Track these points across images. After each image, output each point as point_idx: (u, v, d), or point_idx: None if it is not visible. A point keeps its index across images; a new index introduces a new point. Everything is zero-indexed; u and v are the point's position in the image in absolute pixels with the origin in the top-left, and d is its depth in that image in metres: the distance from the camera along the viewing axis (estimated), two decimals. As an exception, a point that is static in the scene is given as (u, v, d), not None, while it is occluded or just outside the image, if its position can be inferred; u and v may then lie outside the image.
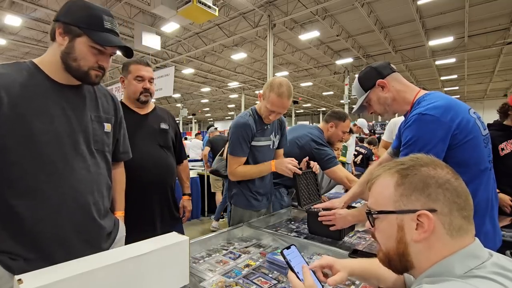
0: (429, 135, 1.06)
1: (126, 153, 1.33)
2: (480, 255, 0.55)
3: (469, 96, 22.13)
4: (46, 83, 0.98)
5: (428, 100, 1.13)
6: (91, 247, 1.03)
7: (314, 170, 1.83)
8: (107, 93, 1.20)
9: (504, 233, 1.82)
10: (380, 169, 0.67)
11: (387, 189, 0.62)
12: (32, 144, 0.92)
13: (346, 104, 14.97)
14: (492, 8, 8.86)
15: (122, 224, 1.25)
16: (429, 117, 1.06)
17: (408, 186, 0.59)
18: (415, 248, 0.59)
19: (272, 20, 9.57)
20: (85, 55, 0.98)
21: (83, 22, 0.96)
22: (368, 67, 1.33)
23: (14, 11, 8.70)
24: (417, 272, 0.61)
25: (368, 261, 0.84)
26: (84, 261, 0.75)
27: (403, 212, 0.59)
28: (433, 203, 0.57)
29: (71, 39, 0.97)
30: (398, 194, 0.60)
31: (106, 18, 0.99)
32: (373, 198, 0.67)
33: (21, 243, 0.92)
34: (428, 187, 0.58)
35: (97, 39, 0.96)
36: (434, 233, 0.56)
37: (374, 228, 0.67)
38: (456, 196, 0.57)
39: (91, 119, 1.07)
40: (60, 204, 0.96)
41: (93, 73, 1.01)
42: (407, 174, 0.60)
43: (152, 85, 1.71)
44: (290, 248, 0.76)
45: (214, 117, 37.76)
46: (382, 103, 1.27)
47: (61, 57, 0.98)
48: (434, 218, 0.56)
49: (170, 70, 6.83)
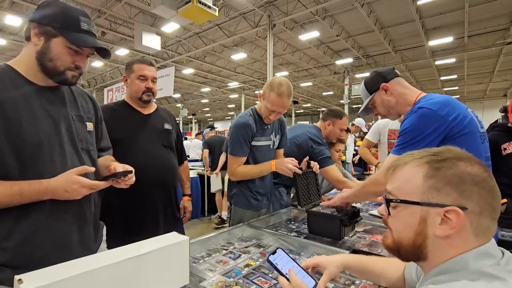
0: (423, 126, 1.12)
1: (109, 149, 1.35)
2: (494, 254, 0.54)
3: (469, 96, 22.12)
4: (26, 86, 0.98)
5: (428, 98, 1.22)
6: (84, 248, 1.06)
7: (314, 170, 1.83)
8: (84, 93, 1.21)
9: (504, 233, 1.83)
10: (407, 156, 0.63)
11: (415, 178, 0.59)
12: (22, 147, 0.92)
13: (346, 104, 14.96)
14: (492, 8, 8.86)
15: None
16: (426, 110, 1.14)
17: (441, 179, 0.56)
18: (435, 243, 0.56)
19: (272, 20, 9.57)
20: (61, 56, 0.98)
21: (59, 23, 0.96)
22: (374, 72, 1.43)
23: (14, 11, 8.70)
24: (429, 265, 0.59)
25: (368, 258, 0.84)
26: (84, 261, 0.75)
27: (431, 205, 0.56)
28: (465, 201, 0.54)
29: (47, 39, 0.96)
30: (428, 186, 0.57)
31: (82, 19, 0.99)
32: (396, 184, 0.62)
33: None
34: (463, 183, 0.54)
35: (73, 40, 0.96)
36: (459, 231, 0.54)
37: (389, 215, 0.63)
38: (491, 197, 0.54)
39: (73, 119, 1.07)
40: (49, 207, 0.96)
41: (70, 74, 1.01)
42: (441, 167, 0.57)
43: (155, 85, 1.70)
44: (276, 253, 0.78)
45: (214, 117, 37.76)
46: (386, 105, 1.36)
47: (36, 58, 0.98)
48: (464, 216, 0.53)
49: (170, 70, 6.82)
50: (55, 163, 0.98)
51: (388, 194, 0.63)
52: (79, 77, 1.06)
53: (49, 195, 0.92)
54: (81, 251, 1.03)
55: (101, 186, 1.00)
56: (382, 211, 0.66)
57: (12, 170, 0.91)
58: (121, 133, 1.52)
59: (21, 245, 0.92)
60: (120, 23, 10.23)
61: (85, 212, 1.08)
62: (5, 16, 8.59)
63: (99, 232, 1.22)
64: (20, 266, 0.91)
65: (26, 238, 0.93)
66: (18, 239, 0.92)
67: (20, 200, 0.89)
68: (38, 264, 0.90)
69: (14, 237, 0.91)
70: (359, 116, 1.85)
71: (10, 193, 0.87)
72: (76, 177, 0.93)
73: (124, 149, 1.46)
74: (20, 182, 0.89)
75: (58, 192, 0.92)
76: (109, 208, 1.53)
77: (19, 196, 0.88)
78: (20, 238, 0.92)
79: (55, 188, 0.92)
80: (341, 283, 1.06)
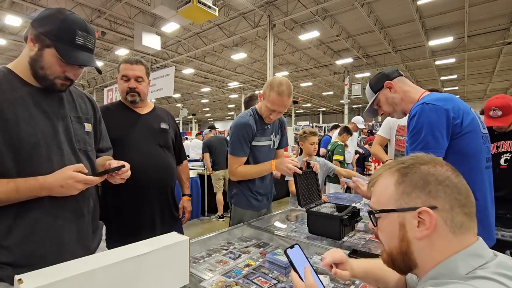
0: (434, 122, 1.11)
1: (109, 149, 1.36)
2: (483, 254, 0.55)
3: (469, 96, 22.12)
4: (24, 88, 0.99)
5: (431, 95, 1.23)
6: (82, 246, 1.06)
7: (314, 170, 1.83)
8: (83, 94, 1.22)
9: (504, 233, 1.82)
10: (381, 168, 0.67)
11: (388, 188, 0.63)
12: (20, 147, 0.93)
13: (346, 104, 14.97)
14: (492, 8, 8.87)
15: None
16: (432, 106, 1.13)
17: (408, 184, 0.60)
18: (417, 246, 0.59)
19: (272, 20, 9.57)
20: (51, 65, 0.98)
21: (53, 35, 0.96)
22: (378, 72, 1.46)
23: (14, 11, 8.71)
24: (421, 272, 0.61)
25: (369, 263, 0.83)
26: (84, 261, 0.75)
27: (404, 210, 0.59)
28: (433, 200, 0.57)
29: (41, 47, 0.98)
30: (399, 193, 0.61)
31: (79, 33, 0.99)
32: (375, 198, 0.67)
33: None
34: (428, 184, 0.58)
35: (63, 55, 0.96)
36: (436, 230, 0.56)
37: (377, 228, 0.67)
38: (457, 192, 0.57)
39: (71, 120, 1.08)
40: (48, 204, 0.97)
41: (59, 82, 1.02)
42: (407, 173, 0.61)
43: (141, 84, 1.63)
44: (293, 248, 0.77)
45: (214, 117, 37.76)
46: (390, 103, 1.37)
47: (29, 62, 0.99)
48: (435, 214, 0.56)
49: (170, 70, 6.82)
50: (52, 163, 0.98)
51: (370, 208, 0.67)
52: (69, 86, 1.07)
53: (45, 192, 0.93)
54: (78, 248, 1.04)
55: (95, 181, 1.00)
56: (371, 225, 0.69)
57: (10, 170, 0.92)
58: (116, 133, 1.51)
59: (21, 243, 0.93)
60: (120, 23, 10.23)
61: (82, 209, 1.08)
62: (5, 16, 8.60)
63: (98, 231, 1.22)
64: (20, 263, 0.92)
65: (25, 235, 0.93)
66: (17, 237, 0.93)
67: (17, 196, 0.90)
68: (37, 261, 0.91)
69: (14, 235, 0.92)
70: (367, 117, 1.86)
71: (6, 190, 0.88)
72: (71, 172, 0.94)
73: (119, 149, 1.45)
74: (16, 179, 0.90)
75: (54, 188, 0.93)
76: (107, 208, 1.53)
77: (16, 192, 0.89)
78: (20, 236, 0.93)
79: (51, 184, 0.92)
80: (341, 283, 1.06)
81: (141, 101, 1.65)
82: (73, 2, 8.72)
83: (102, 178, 1.04)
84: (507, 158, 2.05)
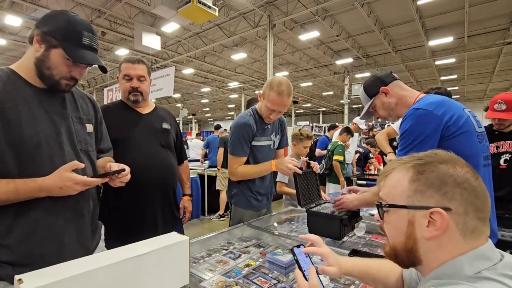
0: (421, 127, 1.14)
1: (110, 150, 1.36)
2: (491, 256, 0.54)
3: (469, 96, 22.12)
4: (27, 89, 1.00)
5: (424, 99, 1.24)
6: (81, 246, 1.07)
7: (314, 169, 1.83)
8: (84, 95, 1.22)
9: (504, 233, 1.82)
10: (395, 162, 0.65)
11: (401, 183, 0.61)
12: (22, 147, 0.93)
13: (346, 104, 14.96)
14: (492, 8, 8.86)
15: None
16: (422, 111, 1.15)
17: (424, 182, 0.58)
18: (425, 245, 0.58)
19: (272, 20, 9.57)
20: (58, 66, 1.00)
21: (60, 35, 0.97)
22: (372, 76, 1.45)
23: (14, 11, 8.71)
24: (425, 269, 0.60)
25: (366, 263, 0.83)
26: (84, 261, 0.75)
27: (416, 208, 0.58)
28: (448, 202, 0.55)
29: (47, 48, 0.98)
30: (412, 189, 0.59)
31: (85, 33, 1.01)
32: (385, 190, 0.65)
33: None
34: (445, 185, 0.56)
35: (71, 54, 0.98)
36: (446, 232, 0.55)
37: (383, 220, 0.65)
38: (474, 196, 0.55)
39: (72, 120, 1.09)
40: (48, 204, 0.97)
41: (64, 83, 1.03)
42: (424, 170, 0.58)
43: (144, 83, 1.62)
44: (300, 247, 0.77)
45: (214, 117, 37.75)
46: (386, 108, 1.38)
47: (35, 63, 1.00)
48: (448, 217, 0.54)
49: (170, 70, 6.80)
50: (54, 163, 0.98)
51: (380, 200, 0.66)
52: (73, 86, 1.08)
53: (44, 193, 0.94)
54: (77, 248, 1.04)
55: (94, 182, 1.01)
56: (377, 217, 0.67)
57: (12, 170, 0.92)
58: (118, 133, 1.50)
59: (21, 242, 0.93)
60: (120, 23, 10.23)
61: (83, 209, 1.08)
62: (5, 16, 8.60)
63: (97, 232, 1.22)
64: (20, 262, 0.92)
65: (25, 235, 0.94)
66: (17, 236, 0.93)
67: (16, 197, 0.90)
68: (37, 261, 0.92)
69: (14, 234, 0.93)
70: (363, 120, 1.86)
71: (6, 191, 0.88)
72: (69, 174, 0.94)
73: (121, 149, 1.45)
74: (15, 180, 0.91)
75: (52, 190, 0.94)
76: (108, 209, 1.53)
77: (15, 193, 0.90)
78: (20, 235, 0.93)
79: (49, 186, 0.93)
80: (341, 283, 1.06)
81: (143, 101, 1.66)
82: (73, 2, 8.72)
83: (101, 181, 1.04)
84: (507, 158, 2.06)
